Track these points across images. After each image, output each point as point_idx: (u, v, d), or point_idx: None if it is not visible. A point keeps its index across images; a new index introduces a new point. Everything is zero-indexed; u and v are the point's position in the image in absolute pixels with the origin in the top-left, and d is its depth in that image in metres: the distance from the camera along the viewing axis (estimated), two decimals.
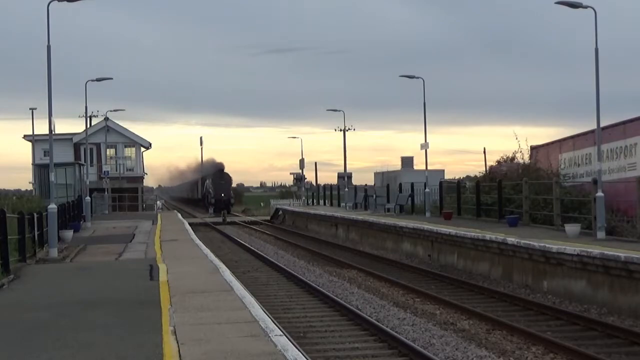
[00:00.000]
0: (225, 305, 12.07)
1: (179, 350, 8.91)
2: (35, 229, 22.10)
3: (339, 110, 57.09)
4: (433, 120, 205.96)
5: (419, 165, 57.49)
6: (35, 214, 22.42)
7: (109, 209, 54.41)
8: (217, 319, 10.87)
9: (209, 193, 74.07)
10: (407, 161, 65.28)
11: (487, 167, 39.84)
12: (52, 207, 22.23)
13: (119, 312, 11.93)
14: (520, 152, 33.42)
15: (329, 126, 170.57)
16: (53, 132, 23.59)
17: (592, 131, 25.01)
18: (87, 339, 9.82)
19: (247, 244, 36.15)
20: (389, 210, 41.30)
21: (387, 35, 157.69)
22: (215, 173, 75.98)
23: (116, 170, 59.75)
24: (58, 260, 21.03)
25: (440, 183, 39.11)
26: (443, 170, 58.64)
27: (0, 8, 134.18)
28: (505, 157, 34.74)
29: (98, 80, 39.28)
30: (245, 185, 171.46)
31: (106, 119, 58.68)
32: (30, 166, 56.24)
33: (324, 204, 60.01)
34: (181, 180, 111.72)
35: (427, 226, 28.25)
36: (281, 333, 9.90)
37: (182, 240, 26.82)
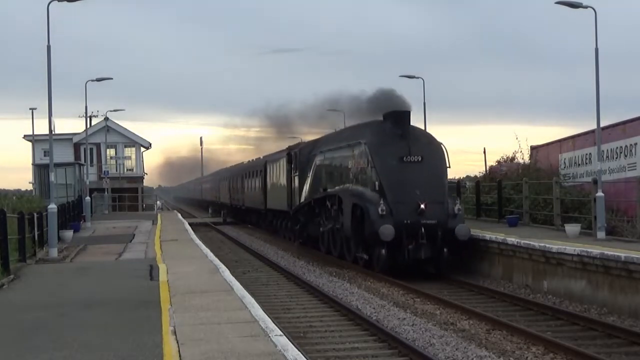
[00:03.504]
0: (225, 306, 12.07)
1: (179, 350, 8.92)
2: (35, 229, 22.11)
3: (339, 111, 57.03)
4: (433, 120, 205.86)
5: None
6: (35, 214, 22.43)
7: (109, 209, 54.45)
8: (217, 319, 10.87)
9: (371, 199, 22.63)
10: None
11: (487, 167, 39.81)
12: (52, 207, 22.23)
13: (119, 312, 11.93)
14: (520, 152, 33.47)
15: (329, 126, 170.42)
16: (53, 132, 23.62)
17: (592, 131, 24.99)
18: (87, 339, 9.82)
19: (247, 244, 36.13)
20: None
21: (387, 35, 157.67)
22: (384, 126, 23.97)
23: (116, 170, 59.76)
24: (58, 260, 21.03)
25: None
26: None
27: (0, 8, 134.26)
28: (505, 157, 34.78)
29: (98, 80, 39.32)
30: None
31: (106, 119, 58.71)
32: (30, 166, 56.26)
33: None
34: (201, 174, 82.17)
35: None
36: (281, 333, 9.91)
37: (182, 240, 26.80)
